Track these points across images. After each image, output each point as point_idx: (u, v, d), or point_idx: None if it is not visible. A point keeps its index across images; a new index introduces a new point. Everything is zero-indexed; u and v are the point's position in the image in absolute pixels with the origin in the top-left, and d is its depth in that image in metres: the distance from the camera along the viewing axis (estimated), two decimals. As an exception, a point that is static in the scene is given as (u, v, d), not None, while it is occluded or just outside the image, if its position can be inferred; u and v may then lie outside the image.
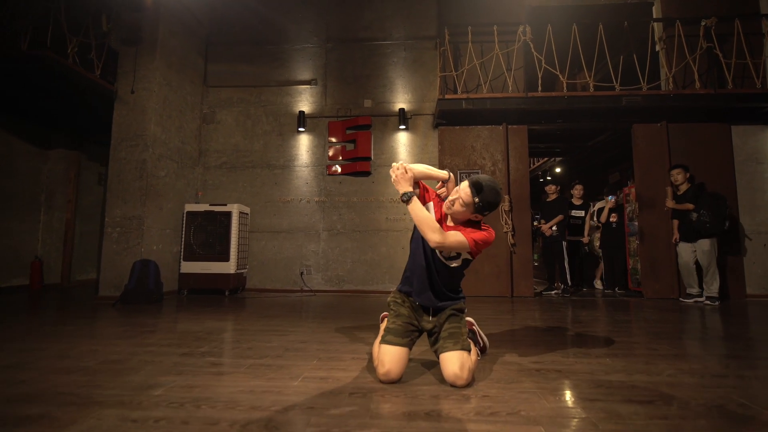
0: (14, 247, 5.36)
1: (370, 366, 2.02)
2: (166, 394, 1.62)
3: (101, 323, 3.21)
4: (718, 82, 4.86)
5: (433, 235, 1.72)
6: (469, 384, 1.72)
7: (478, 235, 1.81)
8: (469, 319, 2.14)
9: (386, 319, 2.08)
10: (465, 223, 1.89)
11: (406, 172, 1.82)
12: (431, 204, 1.93)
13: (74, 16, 4.34)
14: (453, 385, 1.71)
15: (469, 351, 1.82)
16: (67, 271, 5.93)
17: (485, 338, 2.24)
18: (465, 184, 1.80)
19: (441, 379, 1.79)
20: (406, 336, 1.89)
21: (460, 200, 1.80)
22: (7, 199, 5.27)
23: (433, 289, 1.95)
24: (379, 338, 1.94)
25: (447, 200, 1.88)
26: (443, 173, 2.02)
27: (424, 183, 2.01)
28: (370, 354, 2.23)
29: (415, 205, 1.79)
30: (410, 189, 1.82)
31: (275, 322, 3.24)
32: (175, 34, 5.12)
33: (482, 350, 2.20)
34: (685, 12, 5.18)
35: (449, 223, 1.92)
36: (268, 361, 2.13)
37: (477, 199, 1.76)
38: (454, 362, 1.72)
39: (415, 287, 1.98)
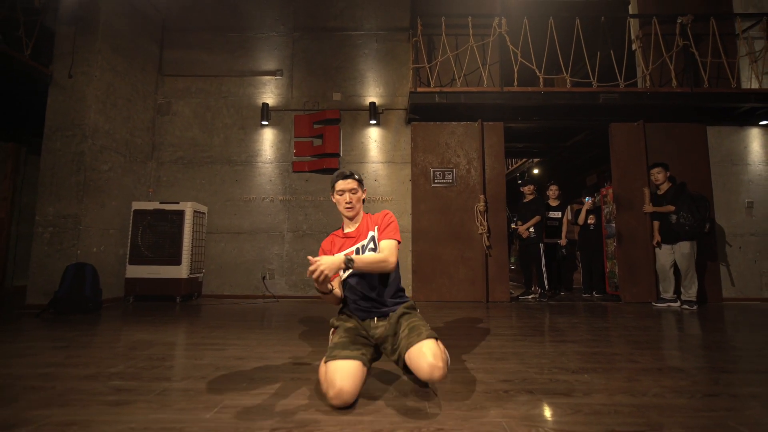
0: (-65, 250, 4.76)
1: (309, 390, 1.68)
2: (26, 438, 1.23)
3: (9, 338, 2.74)
4: (694, 81, 4.78)
5: (386, 263, 1.70)
6: (445, 375, 1.48)
7: (390, 225, 1.84)
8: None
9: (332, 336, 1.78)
10: (363, 219, 1.92)
11: (321, 275, 1.53)
12: (333, 252, 1.87)
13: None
14: (431, 380, 1.47)
15: (437, 340, 1.58)
16: (1, 276, 5.33)
17: (447, 354, 1.94)
18: (341, 182, 1.88)
19: (391, 404, 1.47)
20: (357, 348, 1.60)
21: (349, 192, 1.87)
22: (-74, 195, 4.68)
23: (379, 297, 1.78)
24: (324, 358, 1.60)
25: (343, 207, 1.89)
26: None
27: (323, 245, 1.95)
28: (314, 374, 1.89)
29: (359, 262, 1.64)
30: (340, 263, 1.58)
31: (218, 334, 2.85)
32: (122, 15, 4.67)
33: None
34: (662, 9, 5.10)
35: (351, 228, 1.92)
36: (187, 384, 1.76)
37: (356, 176, 1.90)
38: (426, 353, 1.48)
39: (359, 305, 1.78)
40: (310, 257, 1.57)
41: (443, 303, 4.65)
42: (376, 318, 1.77)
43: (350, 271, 1.76)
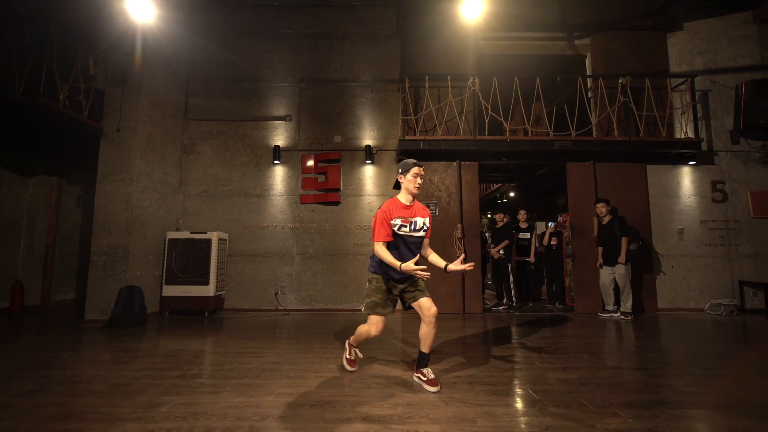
0: (-5, 272, 5.60)
1: (329, 382, 2.61)
2: (171, 410, 2.15)
3: (96, 349, 3.62)
4: (634, 130, 5.79)
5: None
6: (436, 314, 2.56)
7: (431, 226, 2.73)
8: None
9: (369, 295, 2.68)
10: (416, 201, 2.70)
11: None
12: (392, 212, 2.58)
13: (64, 58, 4.72)
14: (431, 316, 2.52)
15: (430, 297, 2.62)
16: (47, 293, 6.18)
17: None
18: (417, 169, 2.60)
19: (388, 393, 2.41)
20: (388, 307, 2.66)
21: (420, 177, 2.63)
22: (-11, 225, 5.52)
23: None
24: (366, 308, 2.67)
25: (415, 186, 2.60)
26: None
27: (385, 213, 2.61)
28: (330, 373, 2.82)
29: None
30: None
31: (253, 344, 3.76)
32: (158, 74, 5.57)
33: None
34: (610, 67, 6.11)
35: (407, 203, 2.63)
36: (248, 380, 2.67)
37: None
38: (430, 302, 2.57)
39: (396, 272, 2.53)
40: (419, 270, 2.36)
41: (427, 315, 5.58)
42: (404, 281, 2.63)
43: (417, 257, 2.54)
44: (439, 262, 2.65)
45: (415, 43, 6.28)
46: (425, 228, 2.63)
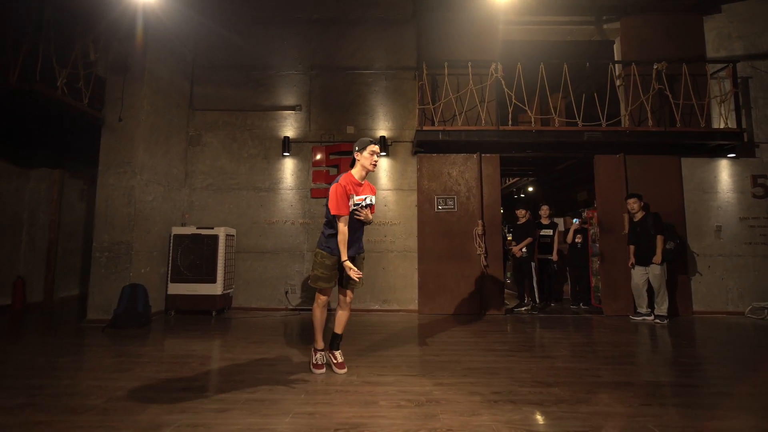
0: (-4, 268, 5.38)
1: (352, 399, 2.31)
2: (174, 435, 1.86)
3: (97, 353, 3.36)
4: (669, 120, 5.38)
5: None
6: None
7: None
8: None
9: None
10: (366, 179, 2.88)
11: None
12: (349, 188, 2.74)
13: (61, 45, 4.43)
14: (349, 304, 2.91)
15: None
16: (50, 289, 5.96)
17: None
18: (375, 146, 2.75)
19: (413, 411, 2.10)
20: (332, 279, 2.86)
21: (377, 155, 2.78)
22: (-11, 220, 5.29)
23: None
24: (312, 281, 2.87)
25: (371, 164, 2.74)
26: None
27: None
28: (351, 384, 2.52)
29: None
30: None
31: (264, 349, 3.48)
32: (162, 60, 5.26)
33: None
34: (642, 53, 5.70)
35: (360, 180, 2.79)
36: (260, 395, 2.38)
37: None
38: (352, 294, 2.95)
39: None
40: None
41: (446, 316, 5.28)
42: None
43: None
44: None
45: (432, 29, 5.90)
46: (371, 205, 2.83)
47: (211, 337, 3.99)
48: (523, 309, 5.64)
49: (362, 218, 2.74)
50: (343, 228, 2.65)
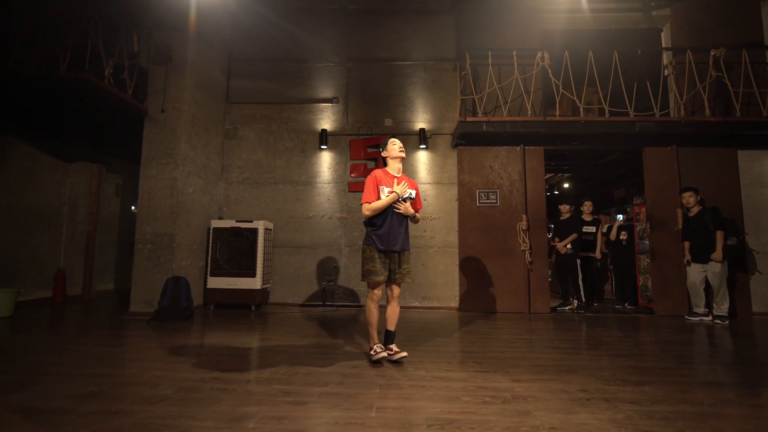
0: (37, 260, 5.41)
1: (430, 394, 2.17)
2: (261, 427, 1.75)
3: (149, 345, 3.30)
4: (726, 110, 5.11)
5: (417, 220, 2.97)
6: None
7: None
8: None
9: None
10: (402, 173, 2.96)
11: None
12: (382, 180, 2.84)
13: (107, 33, 4.42)
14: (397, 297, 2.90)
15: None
16: (88, 282, 5.98)
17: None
18: (395, 138, 2.94)
19: (508, 408, 1.95)
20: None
21: (400, 143, 2.93)
22: (31, 212, 5.33)
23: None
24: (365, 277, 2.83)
25: (398, 151, 2.87)
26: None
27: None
28: (423, 379, 2.38)
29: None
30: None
31: (315, 343, 3.36)
32: (202, 53, 5.23)
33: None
34: (694, 40, 5.44)
35: (395, 173, 2.90)
36: (332, 388, 2.26)
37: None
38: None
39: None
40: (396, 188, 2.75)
41: (488, 313, 5.10)
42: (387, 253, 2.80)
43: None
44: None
45: (472, 18, 5.74)
46: (412, 197, 2.88)
47: (258, 330, 3.90)
48: (567, 308, 5.42)
49: (401, 211, 2.77)
50: (374, 205, 2.75)
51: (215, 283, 5.06)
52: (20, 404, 1.97)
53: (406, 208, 2.78)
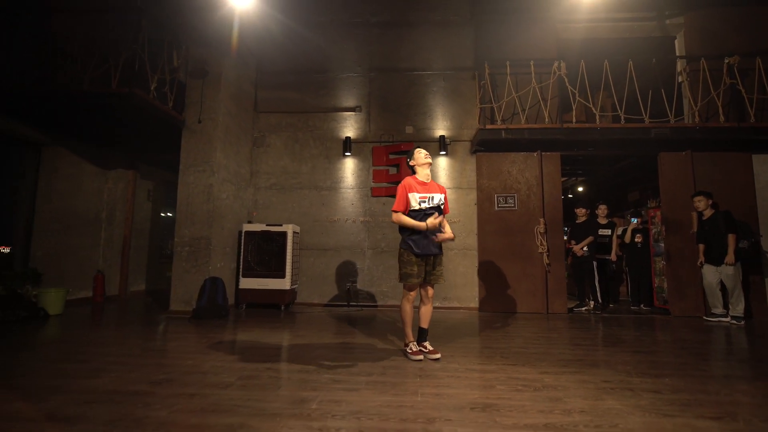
0: (79, 262, 5.76)
1: (467, 383, 2.39)
2: (323, 408, 1.99)
3: (197, 339, 3.56)
4: (741, 116, 5.24)
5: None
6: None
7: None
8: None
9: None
10: (432, 178, 3.14)
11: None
12: (414, 187, 3.01)
13: (151, 53, 4.76)
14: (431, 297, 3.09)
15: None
16: (124, 283, 6.32)
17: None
18: (420, 148, 3.15)
19: (538, 395, 2.16)
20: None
21: (426, 151, 3.14)
22: (75, 217, 5.69)
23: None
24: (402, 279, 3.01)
25: (424, 158, 3.06)
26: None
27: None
28: (459, 372, 2.60)
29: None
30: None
31: (349, 339, 3.60)
32: (234, 67, 5.54)
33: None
34: (707, 48, 5.58)
35: (425, 179, 3.06)
36: (376, 377, 2.49)
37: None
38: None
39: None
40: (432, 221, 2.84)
41: (508, 313, 5.29)
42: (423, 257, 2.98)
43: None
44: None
45: (489, 30, 5.97)
46: (441, 203, 3.01)
47: (292, 328, 4.15)
48: (584, 309, 5.58)
49: (437, 240, 2.93)
50: (403, 219, 2.94)
51: (247, 283, 5.34)
52: (105, 388, 2.24)
53: (442, 238, 2.94)
